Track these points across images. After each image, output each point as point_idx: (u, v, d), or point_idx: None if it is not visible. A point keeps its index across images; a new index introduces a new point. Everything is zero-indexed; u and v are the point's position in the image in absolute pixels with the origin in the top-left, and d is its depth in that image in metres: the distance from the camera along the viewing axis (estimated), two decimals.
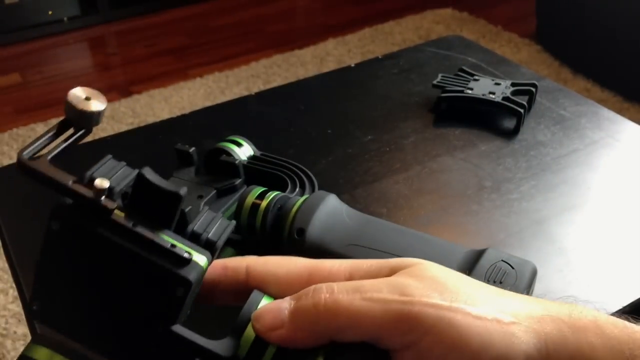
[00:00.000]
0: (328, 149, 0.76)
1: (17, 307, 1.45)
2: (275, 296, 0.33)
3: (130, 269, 0.31)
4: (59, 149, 0.32)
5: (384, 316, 0.29)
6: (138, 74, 2.35)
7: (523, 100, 0.80)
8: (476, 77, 0.84)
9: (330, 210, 0.56)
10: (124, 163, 0.32)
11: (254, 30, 2.63)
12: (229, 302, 0.34)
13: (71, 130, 0.32)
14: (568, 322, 0.30)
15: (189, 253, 0.31)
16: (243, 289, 0.33)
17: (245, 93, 2.13)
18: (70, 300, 0.32)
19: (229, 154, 0.65)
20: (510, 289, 0.48)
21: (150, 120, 2.03)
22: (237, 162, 0.64)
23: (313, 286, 0.31)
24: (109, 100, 2.15)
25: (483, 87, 0.81)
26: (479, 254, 0.52)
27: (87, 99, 0.32)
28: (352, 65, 0.95)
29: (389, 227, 0.56)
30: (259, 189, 0.59)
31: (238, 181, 0.63)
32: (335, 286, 0.30)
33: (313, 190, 0.66)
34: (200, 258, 0.31)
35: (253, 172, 0.66)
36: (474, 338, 0.28)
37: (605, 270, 0.59)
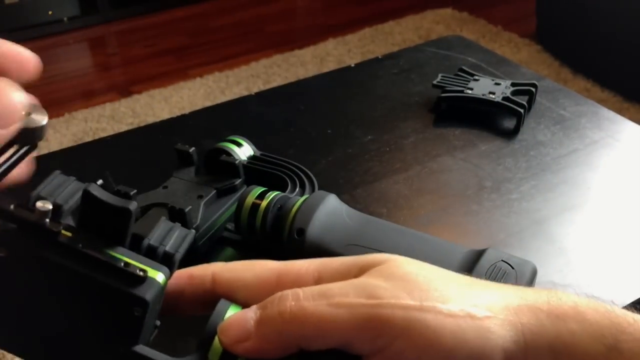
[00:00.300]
0: (328, 149, 0.76)
1: None
2: (243, 303, 0.32)
3: (84, 292, 0.29)
4: (0, 171, 0.30)
5: (352, 322, 0.28)
6: (138, 74, 2.35)
7: (523, 100, 0.80)
8: (476, 77, 0.84)
9: (330, 211, 0.56)
10: (73, 178, 0.31)
11: (254, 30, 2.63)
12: (196, 312, 0.33)
13: (14, 148, 0.30)
14: (546, 310, 0.29)
15: (144, 270, 0.29)
16: (210, 298, 0.32)
17: (245, 93, 2.13)
18: (27, 327, 0.30)
19: (228, 154, 0.65)
20: None
21: (150, 120, 2.03)
22: (237, 162, 0.64)
23: (279, 293, 0.30)
24: (109, 101, 2.15)
25: (483, 87, 0.81)
26: (479, 254, 0.52)
27: (27, 114, 0.30)
28: (352, 65, 0.95)
29: (389, 227, 0.56)
30: (259, 189, 0.59)
31: (238, 181, 0.63)
32: (301, 292, 0.29)
33: (313, 190, 0.66)
34: (156, 274, 0.30)
35: (253, 172, 0.66)
36: (446, 337, 0.27)
37: (605, 270, 0.59)
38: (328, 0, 2.90)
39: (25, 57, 0.30)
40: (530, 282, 0.50)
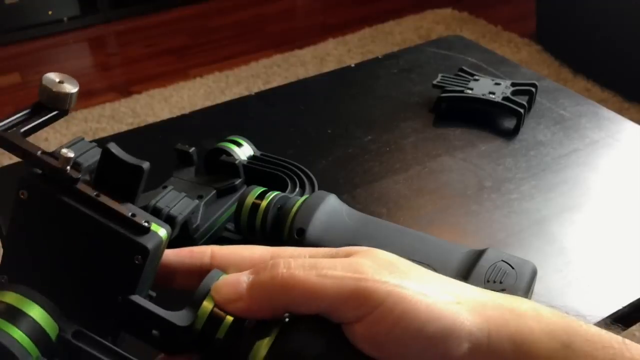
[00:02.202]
0: (328, 149, 0.76)
1: None
2: None
3: (93, 237, 0.32)
4: (31, 125, 0.33)
5: (338, 292, 0.31)
6: (138, 74, 2.35)
7: (523, 100, 0.80)
8: (476, 77, 0.84)
9: (330, 210, 0.56)
10: (95, 144, 0.34)
11: (254, 30, 2.63)
12: (192, 285, 0.35)
13: (45, 113, 0.34)
14: (509, 308, 0.32)
15: (148, 222, 0.32)
16: (206, 272, 0.34)
17: (245, 93, 2.13)
18: (38, 270, 0.33)
19: (228, 154, 0.65)
20: (510, 289, 0.48)
21: (150, 120, 2.03)
22: (237, 162, 0.64)
23: (272, 261, 0.32)
24: (109, 101, 2.15)
25: (483, 87, 0.81)
26: (479, 254, 0.52)
27: (61, 82, 0.34)
28: (352, 65, 0.95)
29: (389, 227, 0.56)
30: (259, 189, 0.59)
31: (238, 181, 0.63)
32: (292, 262, 0.32)
33: (313, 190, 0.66)
34: (159, 229, 0.32)
35: (253, 172, 0.66)
36: (421, 311, 0.30)
37: (605, 270, 0.59)
38: (328, 0, 2.89)
39: None
40: (531, 282, 0.50)
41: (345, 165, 0.73)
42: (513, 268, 0.50)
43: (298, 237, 0.54)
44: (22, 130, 0.32)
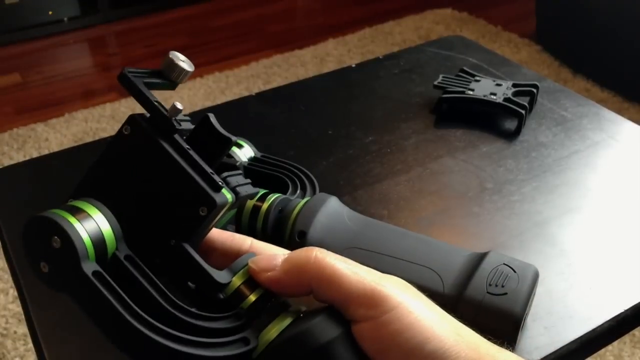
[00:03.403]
0: (328, 150, 0.76)
1: (17, 307, 1.45)
2: None
3: (172, 180, 0.36)
4: (148, 81, 0.38)
5: (358, 286, 0.34)
6: None
7: (524, 101, 0.80)
8: (477, 78, 0.84)
9: (331, 213, 0.55)
10: (188, 118, 0.39)
11: (254, 30, 2.63)
12: (226, 266, 0.38)
13: (159, 79, 0.39)
14: (498, 351, 0.35)
15: (222, 183, 0.36)
16: None
17: (245, 93, 2.13)
18: (110, 197, 0.36)
19: (229, 155, 0.65)
20: (513, 293, 0.48)
21: None
22: (237, 163, 0.63)
23: (306, 247, 0.36)
24: (109, 101, 2.15)
25: (484, 88, 0.81)
26: (481, 257, 0.52)
27: (183, 61, 0.39)
28: (353, 65, 0.95)
29: (390, 230, 0.56)
30: (260, 192, 0.58)
31: None
32: (326, 251, 0.36)
33: (314, 191, 0.65)
34: (228, 193, 0.37)
35: (254, 173, 0.66)
36: (426, 328, 0.33)
37: (607, 272, 0.59)
38: (328, 0, 2.89)
39: None
40: (533, 285, 0.50)
41: (346, 167, 0.73)
42: (515, 272, 0.50)
43: (299, 239, 0.54)
44: (145, 81, 0.38)
